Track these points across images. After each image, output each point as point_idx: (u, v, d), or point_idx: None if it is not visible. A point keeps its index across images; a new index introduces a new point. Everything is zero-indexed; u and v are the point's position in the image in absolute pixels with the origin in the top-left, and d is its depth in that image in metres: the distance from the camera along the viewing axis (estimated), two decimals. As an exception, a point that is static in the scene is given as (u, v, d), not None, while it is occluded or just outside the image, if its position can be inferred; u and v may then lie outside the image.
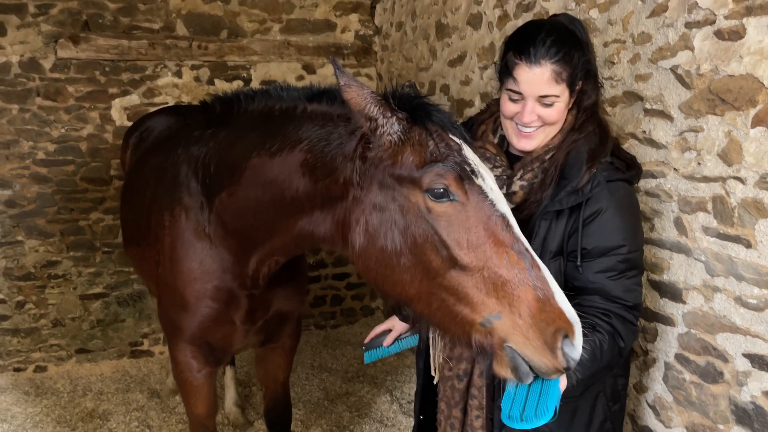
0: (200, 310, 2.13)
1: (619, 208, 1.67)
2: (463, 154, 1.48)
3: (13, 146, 4.28)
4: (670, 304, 2.09)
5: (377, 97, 1.48)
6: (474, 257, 1.38)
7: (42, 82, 4.28)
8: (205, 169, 2.01)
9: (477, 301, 1.37)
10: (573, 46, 1.70)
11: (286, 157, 1.69)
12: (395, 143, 1.48)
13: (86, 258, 4.55)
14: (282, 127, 1.73)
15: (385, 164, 1.49)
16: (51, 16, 4.22)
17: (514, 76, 1.70)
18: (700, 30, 1.86)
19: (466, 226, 1.40)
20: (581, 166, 1.68)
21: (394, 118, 1.48)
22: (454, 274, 1.40)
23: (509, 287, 1.35)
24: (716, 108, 1.83)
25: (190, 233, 2.08)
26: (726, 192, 1.83)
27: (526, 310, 1.33)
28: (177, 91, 4.57)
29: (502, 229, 1.40)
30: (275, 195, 1.74)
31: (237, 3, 4.61)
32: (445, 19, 3.71)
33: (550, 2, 2.61)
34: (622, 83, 2.21)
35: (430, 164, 1.44)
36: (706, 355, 1.97)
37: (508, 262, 1.36)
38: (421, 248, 1.43)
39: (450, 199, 1.42)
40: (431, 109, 1.52)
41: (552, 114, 1.72)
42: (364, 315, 5.39)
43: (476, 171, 1.46)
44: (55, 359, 4.55)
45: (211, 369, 2.35)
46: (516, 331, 1.34)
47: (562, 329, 1.33)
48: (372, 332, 2.28)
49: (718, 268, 1.89)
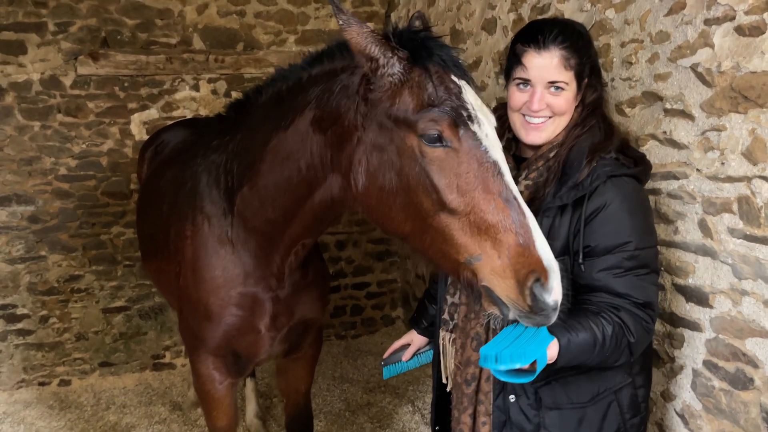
0: (225, 319, 2.12)
1: (623, 203, 1.62)
2: (461, 97, 1.48)
3: (35, 162, 4.35)
4: (696, 308, 2.03)
5: (378, 36, 1.49)
6: (461, 202, 1.41)
7: (63, 98, 4.34)
8: (227, 173, 2.04)
9: (461, 243, 1.41)
10: (579, 38, 1.72)
11: (298, 123, 1.73)
12: (395, 84, 1.50)
13: (108, 272, 4.59)
14: (292, 102, 1.76)
15: (385, 105, 1.51)
16: (70, 34, 4.29)
17: (523, 62, 1.71)
18: (720, 26, 1.82)
19: (456, 172, 1.42)
20: (581, 160, 1.66)
21: (395, 57, 1.49)
22: (443, 216, 1.43)
23: (492, 232, 1.38)
24: (739, 106, 1.78)
25: (213, 241, 2.09)
26: (752, 192, 1.77)
27: (505, 254, 1.37)
28: (195, 105, 4.61)
29: (492, 176, 1.42)
30: (291, 171, 1.77)
31: (252, 16, 4.64)
32: (459, 24, 3.70)
33: (565, 4, 2.57)
34: (640, 83, 2.16)
35: (426, 108, 1.45)
36: (735, 361, 1.90)
37: (494, 209, 1.39)
38: (414, 190, 1.47)
39: (443, 145, 1.43)
40: (433, 47, 1.52)
41: (561, 103, 1.71)
42: (385, 324, 5.35)
43: (473, 116, 1.46)
44: (78, 373, 4.59)
45: (233, 380, 2.34)
46: (493, 273, 1.38)
47: (536, 272, 1.34)
48: (391, 347, 2.27)
49: (745, 270, 1.83)
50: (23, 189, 4.35)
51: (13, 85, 4.22)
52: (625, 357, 1.61)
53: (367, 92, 1.55)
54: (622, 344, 1.58)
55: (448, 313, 1.93)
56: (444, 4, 3.91)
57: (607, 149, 1.68)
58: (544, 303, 1.34)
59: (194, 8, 4.51)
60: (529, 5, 2.88)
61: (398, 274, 5.33)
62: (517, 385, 1.70)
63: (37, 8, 4.20)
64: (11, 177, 4.31)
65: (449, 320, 1.92)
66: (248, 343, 2.19)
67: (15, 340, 4.45)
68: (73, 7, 4.27)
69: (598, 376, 1.70)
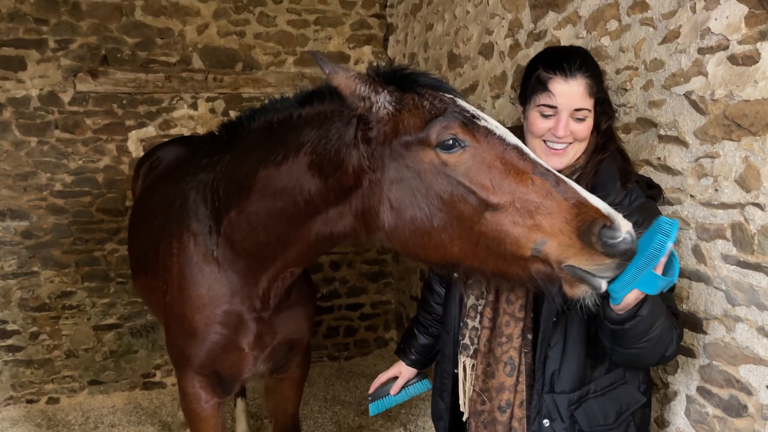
0: (209, 337, 2.11)
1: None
2: (458, 104, 1.50)
3: (31, 178, 4.34)
4: (690, 334, 2.03)
5: (364, 76, 1.53)
6: (502, 194, 1.39)
7: (61, 115, 4.35)
8: (213, 192, 2.04)
9: (520, 235, 1.37)
10: (597, 67, 1.77)
11: (292, 163, 1.73)
12: (393, 113, 1.52)
13: (100, 288, 4.56)
14: (283, 137, 1.77)
15: (389, 137, 1.52)
16: (70, 51, 4.31)
17: (550, 89, 1.70)
18: (714, 55, 1.85)
19: (484, 167, 1.41)
20: (616, 180, 1.68)
21: (384, 91, 1.53)
22: (489, 216, 1.40)
23: (543, 209, 1.35)
24: (732, 133, 1.80)
25: (198, 258, 2.08)
26: (745, 219, 1.79)
27: (564, 222, 1.32)
28: (192, 123, 4.63)
29: (518, 158, 1.41)
30: (287, 203, 1.76)
31: (252, 36, 4.69)
32: (456, 49, 3.74)
33: (561, 31, 2.61)
34: (635, 110, 2.19)
35: (431, 121, 1.46)
36: (729, 387, 1.90)
37: (535, 187, 1.37)
38: (449, 203, 1.44)
39: (461, 146, 1.43)
40: (417, 75, 1.56)
41: (583, 129, 1.73)
42: (378, 346, 5.32)
43: (477, 115, 1.48)
44: (67, 391, 4.53)
45: (219, 400, 2.32)
46: (563, 246, 1.32)
47: (598, 220, 1.29)
48: (376, 380, 2.19)
49: (739, 297, 1.83)
50: (18, 204, 4.33)
51: (12, 101, 4.23)
52: (672, 348, 1.60)
53: (366, 132, 1.55)
54: (670, 340, 1.58)
55: (468, 338, 1.87)
56: (442, 29, 3.95)
57: (634, 172, 1.74)
58: (619, 239, 1.27)
59: (194, 28, 4.56)
60: (526, 31, 2.92)
61: (392, 295, 5.32)
62: (552, 409, 1.71)
63: (38, 25, 4.23)
64: (6, 192, 4.30)
65: (470, 345, 1.87)
66: (232, 361, 2.18)
67: (4, 356, 4.39)
68: (74, 24, 4.30)
69: (618, 396, 1.73)
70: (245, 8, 4.67)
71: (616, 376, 1.74)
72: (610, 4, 2.29)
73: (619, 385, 1.74)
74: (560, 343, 1.71)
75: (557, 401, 1.71)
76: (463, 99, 1.57)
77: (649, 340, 1.52)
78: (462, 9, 3.63)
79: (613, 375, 1.74)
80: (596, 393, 1.71)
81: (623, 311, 1.45)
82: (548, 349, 1.71)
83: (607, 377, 1.73)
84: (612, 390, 1.73)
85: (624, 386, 1.74)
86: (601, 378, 1.73)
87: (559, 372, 1.71)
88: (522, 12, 2.95)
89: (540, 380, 1.73)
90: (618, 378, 1.74)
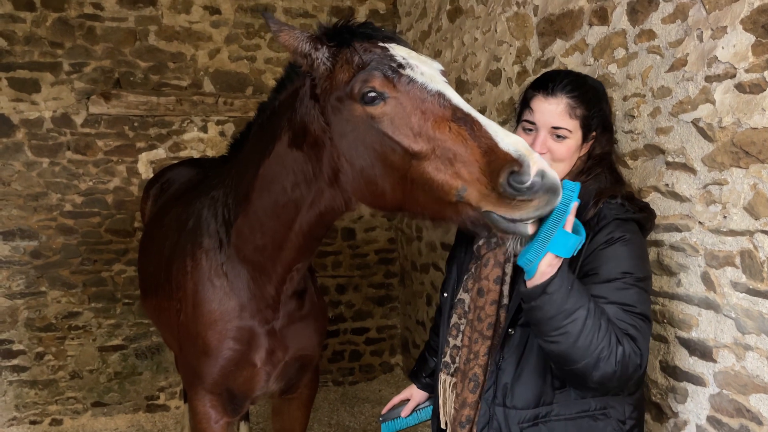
0: (222, 353, 2.12)
1: (627, 244, 1.61)
2: (388, 54, 1.51)
3: (41, 198, 4.38)
4: (700, 363, 2.01)
5: (306, 34, 1.59)
6: (423, 143, 1.40)
7: (73, 136, 4.41)
8: (224, 207, 2.10)
9: (443, 181, 1.37)
10: (589, 90, 1.77)
11: (278, 147, 1.81)
12: (329, 69, 1.58)
13: (107, 309, 4.57)
14: (271, 129, 1.85)
15: (328, 92, 1.58)
16: (84, 74, 4.38)
17: (531, 106, 1.76)
18: (721, 83, 1.86)
19: (406, 118, 1.43)
20: (589, 201, 1.67)
21: (323, 47, 1.58)
22: (415, 164, 1.42)
23: (460, 157, 1.35)
24: (740, 161, 1.80)
25: (210, 274, 2.12)
26: (754, 246, 1.78)
27: (479, 170, 1.31)
28: (202, 146, 4.68)
29: (438, 106, 1.42)
30: (278, 194, 1.84)
31: (263, 61, 4.76)
32: (465, 75, 3.78)
33: (569, 58, 2.64)
34: (642, 136, 2.20)
35: (355, 75, 1.50)
36: (739, 417, 1.87)
37: (452, 134, 1.37)
38: (382, 153, 1.48)
39: (382, 98, 1.46)
40: (355, 28, 1.60)
41: (561, 150, 1.74)
42: (383, 371, 5.28)
43: (404, 63, 1.49)
44: (71, 412, 4.51)
45: (229, 419, 2.32)
46: (482, 194, 1.31)
47: (506, 166, 1.26)
48: (390, 402, 2.23)
49: (749, 325, 1.82)
50: (28, 224, 4.37)
51: (25, 122, 4.30)
52: (610, 361, 1.46)
53: (313, 90, 1.64)
54: (611, 337, 1.47)
55: (449, 356, 1.89)
56: (450, 56, 4.00)
57: (614, 194, 1.70)
58: (527, 182, 1.24)
59: (206, 53, 4.63)
60: (534, 58, 2.95)
61: (398, 320, 5.29)
62: (502, 423, 1.66)
63: (54, 48, 4.31)
64: (16, 212, 4.34)
65: (450, 363, 1.89)
66: (244, 378, 2.18)
67: (9, 376, 4.39)
68: (88, 48, 4.38)
69: (592, 428, 1.64)
70: (256, 33, 4.75)
71: (592, 405, 1.64)
72: (617, 32, 2.32)
73: (595, 415, 1.64)
74: (515, 356, 1.67)
75: (508, 415, 1.66)
76: (402, 44, 1.60)
77: (567, 333, 1.43)
78: (470, 36, 3.68)
79: (586, 402, 1.64)
80: (561, 417, 1.63)
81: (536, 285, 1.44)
82: (501, 360, 1.69)
83: (577, 403, 1.64)
84: (584, 419, 1.63)
85: (602, 420, 1.64)
86: (570, 402, 1.64)
87: (512, 386, 1.66)
88: (530, 39, 2.98)
89: (491, 390, 1.69)
90: (593, 407, 1.64)
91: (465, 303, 1.87)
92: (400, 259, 5.21)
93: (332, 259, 5.06)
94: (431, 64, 1.57)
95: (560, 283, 1.42)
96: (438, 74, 1.54)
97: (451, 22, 3.97)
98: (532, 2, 2.94)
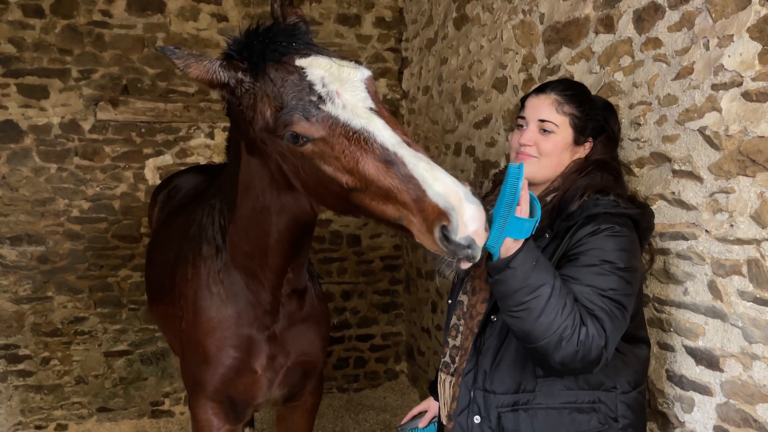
0: (222, 361, 2.12)
1: (612, 237, 1.61)
2: (306, 82, 1.46)
3: (49, 204, 4.41)
4: (707, 372, 2.00)
5: (219, 61, 1.52)
6: (356, 179, 1.40)
7: (80, 142, 4.44)
8: (220, 213, 2.11)
9: (383, 211, 1.40)
10: (582, 94, 1.86)
11: (242, 153, 1.81)
12: (252, 99, 1.53)
13: (113, 314, 4.58)
14: (234, 136, 1.89)
15: (255, 124, 1.55)
16: (93, 81, 4.42)
17: (524, 105, 1.88)
18: (727, 92, 1.86)
19: (334, 156, 1.42)
20: (575, 194, 1.72)
21: (239, 72, 1.52)
22: (354, 194, 1.43)
23: (392, 195, 1.36)
24: (747, 169, 1.80)
25: (208, 282, 2.13)
26: (761, 255, 1.77)
27: (411, 211, 1.34)
28: (209, 152, 4.70)
29: (364, 144, 1.39)
30: (253, 200, 1.84)
31: (269, 68, 4.77)
32: (470, 83, 3.78)
33: (575, 66, 2.64)
34: (649, 144, 2.19)
35: (278, 113, 1.46)
36: (746, 427, 1.86)
37: (381, 176, 1.36)
38: (320, 181, 1.49)
39: (308, 140, 1.44)
40: (266, 49, 1.53)
41: (547, 145, 1.79)
42: (388, 378, 5.27)
43: (323, 95, 1.44)
44: (76, 417, 4.52)
45: (231, 427, 2.31)
46: (417, 231, 1.34)
47: (438, 219, 1.28)
48: (409, 413, 2.26)
49: (756, 334, 1.81)
50: (35, 229, 4.39)
51: (33, 128, 4.33)
52: (572, 340, 1.46)
53: (244, 115, 1.59)
54: (575, 317, 1.47)
55: (449, 356, 1.92)
56: (456, 63, 4.01)
57: (603, 189, 1.72)
58: (456, 244, 1.27)
59: (214, 59, 4.65)
60: (540, 66, 2.95)
61: (403, 327, 5.28)
62: (482, 407, 1.67)
63: (62, 55, 4.35)
64: (24, 217, 4.36)
65: (450, 363, 1.91)
66: (245, 385, 2.18)
67: (15, 381, 4.41)
68: (97, 55, 4.42)
69: (578, 421, 1.63)
70: (263, 41, 4.76)
71: (581, 397, 1.64)
72: (623, 40, 2.32)
73: (582, 408, 1.63)
74: (496, 341, 1.69)
75: (487, 399, 1.67)
76: (320, 54, 1.54)
77: (529, 309, 1.45)
78: (476, 44, 3.69)
79: (573, 394, 1.64)
80: (543, 405, 1.63)
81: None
82: (482, 345, 1.71)
83: (563, 394, 1.63)
84: (568, 410, 1.62)
85: (588, 413, 1.63)
86: (554, 392, 1.64)
87: (491, 370, 1.68)
88: (536, 47, 2.99)
89: (471, 373, 1.71)
90: (581, 400, 1.64)
91: (463, 304, 1.91)
92: (406, 265, 5.21)
93: (337, 266, 5.06)
94: (353, 81, 1.50)
95: (524, 258, 1.45)
96: (361, 98, 1.47)
97: (458, 29, 3.98)
98: (538, 10, 2.95)
